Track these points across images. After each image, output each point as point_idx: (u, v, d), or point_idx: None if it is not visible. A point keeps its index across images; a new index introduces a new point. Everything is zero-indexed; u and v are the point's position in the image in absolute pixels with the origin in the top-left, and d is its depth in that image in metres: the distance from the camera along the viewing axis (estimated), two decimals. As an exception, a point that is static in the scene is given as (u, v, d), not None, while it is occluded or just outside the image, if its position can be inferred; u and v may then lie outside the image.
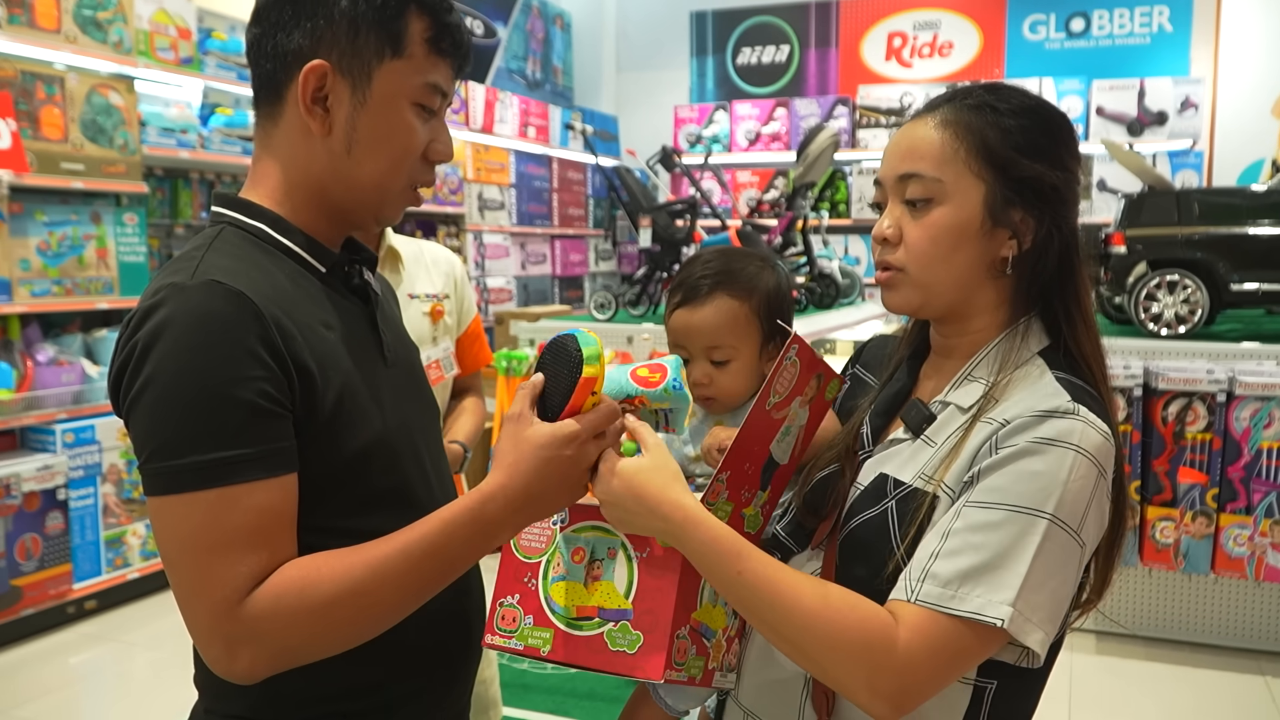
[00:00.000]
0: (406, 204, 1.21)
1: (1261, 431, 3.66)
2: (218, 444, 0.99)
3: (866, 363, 1.44)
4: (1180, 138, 7.29)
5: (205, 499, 0.99)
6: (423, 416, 1.30)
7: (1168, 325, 4.08)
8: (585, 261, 8.47)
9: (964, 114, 1.16)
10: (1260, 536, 3.67)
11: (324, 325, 1.13)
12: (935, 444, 1.16)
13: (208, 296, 1.01)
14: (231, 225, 1.16)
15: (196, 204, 5.13)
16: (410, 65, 1.13)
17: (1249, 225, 4.10)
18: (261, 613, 0.99)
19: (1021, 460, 1.04)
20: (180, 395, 0.99)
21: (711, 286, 1.40)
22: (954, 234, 1.15)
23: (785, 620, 1.03)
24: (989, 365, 1.18)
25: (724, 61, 8.96)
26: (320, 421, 1.07)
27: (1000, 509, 1.02)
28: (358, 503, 1.12)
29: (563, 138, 8.11)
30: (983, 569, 1.01)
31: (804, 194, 5.46)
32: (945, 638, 1.00)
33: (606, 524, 1.11)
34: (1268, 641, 3.93)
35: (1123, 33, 7.91)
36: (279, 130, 1.16)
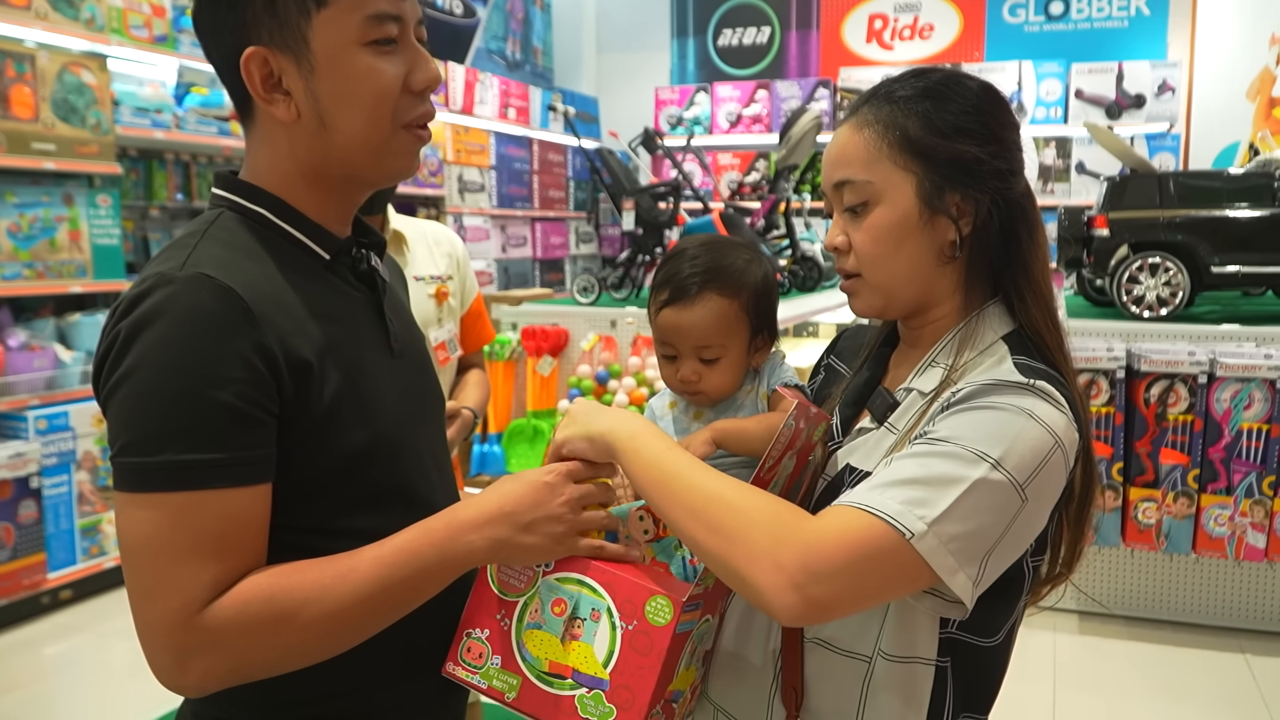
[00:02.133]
0: (411, 149, 1.12)
1: (1242, 413, 3.68)
2: (192, 446, 0.95)
3: (841, 352, 1.44)
4: (1158, 120, 7.33)
5: (173, 501, 0.95)
6: (428, 408, 1.26)
7: (1149, 307, 4.09)
8: (566, 244, 8.43)
9: (882, 109, 1.16)
10: (1240, 516, 3.70)
11: (324, 317, 1.08)
12: (898, 430, 1.15)
13: (196, 290, 0.97)
14: (231, 210, 1.11)
15: (172, 185, 5.05)
16: (340, 8, 1.04)
17: (1228, 208, 4.12)
18: (223, 622, 0.96)
19: (974, 412, 1.03)
20: (159, 391, 0.95)
21: (701, 285, 1.36)
22: (895, 231, 1.14)
23: (701, 489, 1.03)
24: (950, 350, 1.17)
25: (705, 43, 8.92)
26: (317, 418, 1.03)
27: (945, 444, 1.01)
28: (356, 501, 1.08)
29: (543, 119, 8.05)
30: (911, 483, 0.98)
31: (786, 177, 5.43)
32: (859, 531, 0.96)
33: (592, 581, 1.07)
34: (1248, 620, 3.97)
35: (1101, 16, 7.93)
36: (258, 129, 1.11)
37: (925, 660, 1.12)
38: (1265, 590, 3.94)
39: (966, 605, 0.99)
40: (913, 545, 0.95)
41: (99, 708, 3.43)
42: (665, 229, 4.93)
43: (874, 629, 1.13)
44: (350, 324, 1.12)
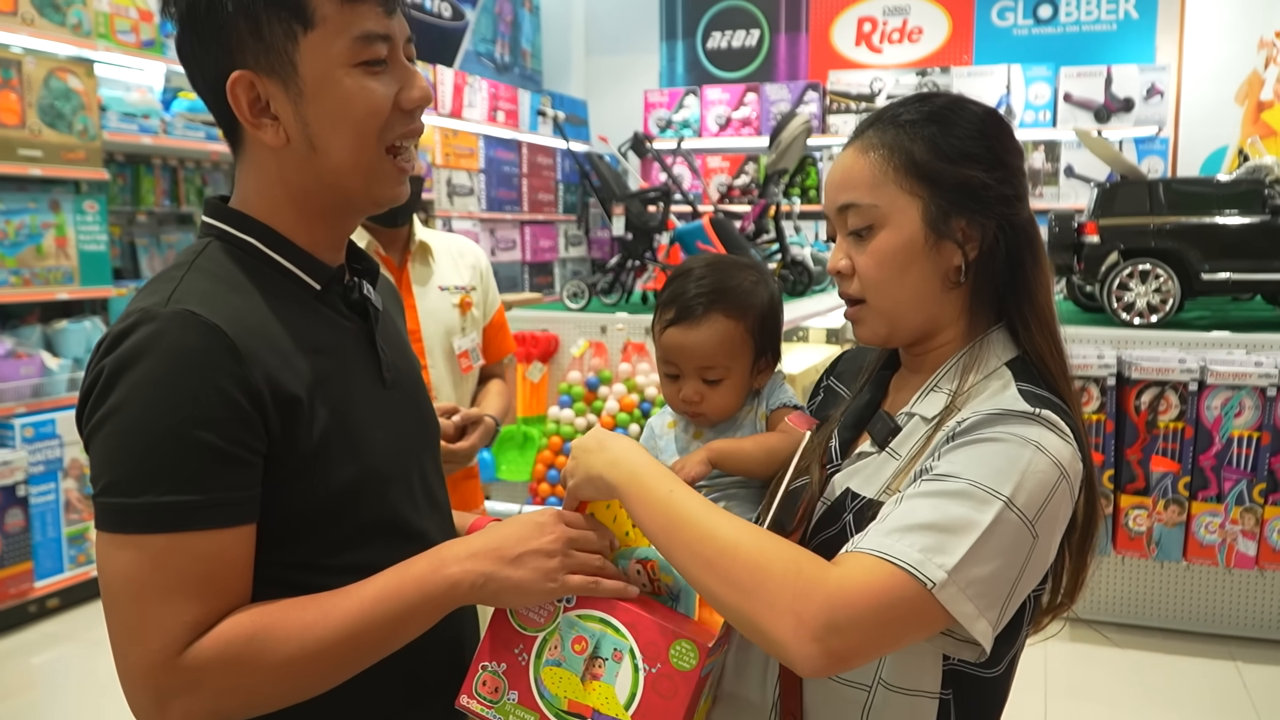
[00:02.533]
0: (397, 176, 1.10)
1: (1232, 420, 3.69)
2: (174, 487, 0.94)
3: (840, 374, 1.43)
4: (1146, 124, 7.35)
5: (155, 543, 0.94)
6: (421, 438, 1.24)
7: (1140, 314, 4.10)
8: (555, 247, 8.41)
9: (888, 133, 1.15)
10: (1231, 524, 3.71)
11: (313, 350, 1.06)
12: (899, 456, 1.13)
13: (180, 328, 0.96)
14: (220, 239, 1.09)
15: (159, 191, 5.02)
16: (328, 31, 1.02)
17: (1219, 215, 4.13)
18: (204, 662, 0.94)
19: (981, 445, 1.02)
20: (142, 431, 0.94)
21: (707, 306, 1.36)
22: (900, 255, 1.13)
23: (713, 538, 1.00)
24: (953, 376, 1.16)
25: (694, 46, 8.91)
26: (305, 455, 1.02)
27: (958, 481, 0.99)
28: (346, 536, 1.07)
29: (532, 122, 8.03)
30: (928, 528, 0.97)
31: (776, 181, 5.43)
32: (880, 581, 0.94)
33: (616, 620, 1.05)
34: (1238, 627, 3.98)
35: (1089, 20, 7.95)
36: (247, 155, 1.10)
37: (929, 694, 1.11)
38: (1256, 598, 3.95)
39: (985, 649, 0.99)
40: (934, 595, 0.94)
41: (87, 716, 3.40)
42: (655, 234, 4.92)
43: (875, 660, 1.12)
44: (340, 356, 1.11)
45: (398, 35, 1.07)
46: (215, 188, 5.36)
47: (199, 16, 1.02)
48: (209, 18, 1.02)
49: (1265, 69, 7.51)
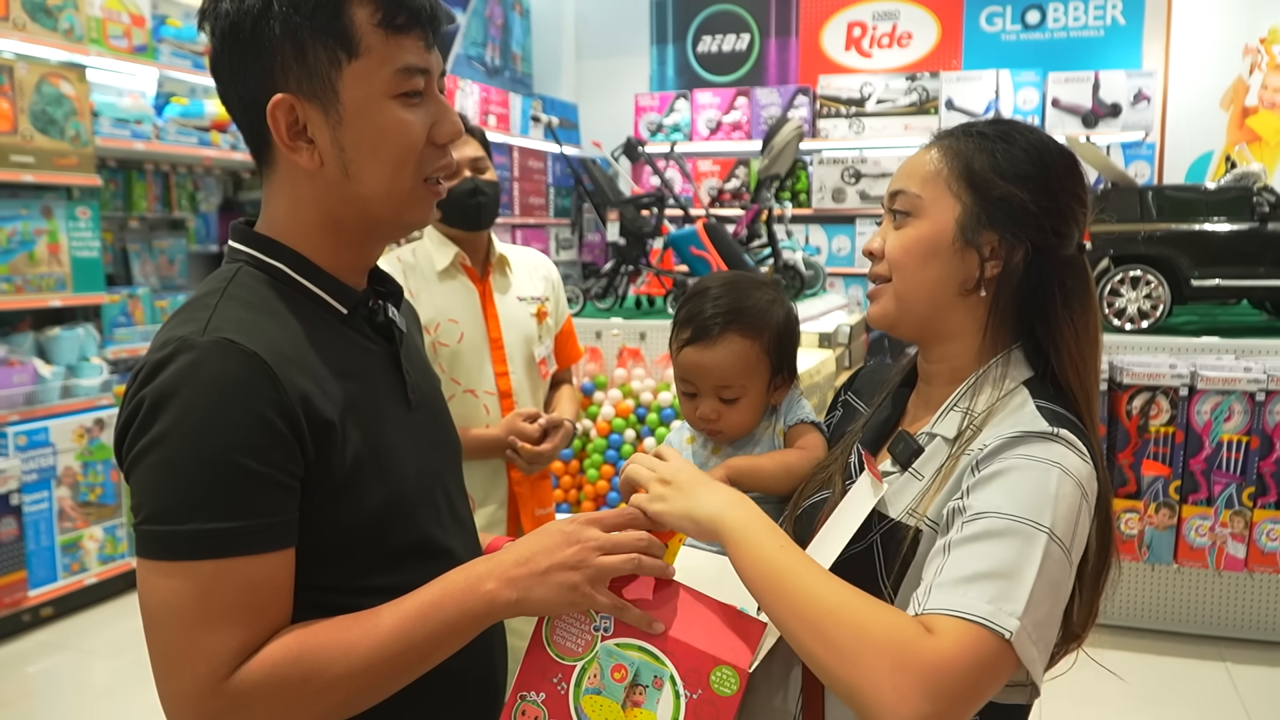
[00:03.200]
0: (429, 200, 1.13)
1: (1222, 424, 3.73)
2: (219, 514, 0.95)
3: (858, 390, 1.45)
4: (1133, 129, 7.39)
5: (202, 569, 0.95)
6: (444, 457, 1.26)
7: (1131, 320, 4.14)
8: (546, 251, 8.40)
9: (960, 141, 1.21)
10: (1221, 527, 3.75)
11: (344, 374, 1.08)
12: (922, 477, 1.15)
13: (220, 357, 0.97)
14: (249, 264, 1.11)
15: (151, 196, 5.01)
16: (371, 61, 1.04)
17: (1207, 222, 4.17)
18: (252, 685, 0.96)
19: (1009, 475, 1.04)
20: (185, 460, 0.95)
21: (723, 326, 1.39)
22: (925, 246, 1.18)
23: (816, 600, 0.99)
24: (976, 396, 1.18)
25: (684, 49, 8.92)
26: (339, 479, 1.04)
27: (1002, 518, 1.00)
28: (378, 558, 1.09)
29: (523, 126, 8.03)
30: (990, 577, 0.98)
31: (769, 186, 5.46)
32: (971, 643, 0.95)
33: (654, 648, 1.05)
34: (1228, 628, 4.02)
35: (1077, 25, 8.00)
36: (277, 175, 1.11)
37: None
38: (1245, 599, 3.99)
39: (1039, 690, 1.01)
40: (1011, 644, 0.95)
41: (82, 728, 3.40)
42: (649, 239, 4.93)
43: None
44: (368, 379, 1.12)
45: (434, 69, 1.10)
46: (207, 193, 5.35)
47: (243, 36, 1.03)
48: (253, 39, 1.03)
49: (1250, 75, 7.58)
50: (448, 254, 2.48)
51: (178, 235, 5.23)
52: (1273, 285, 4.08)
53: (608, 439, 4.35)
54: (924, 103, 7.70)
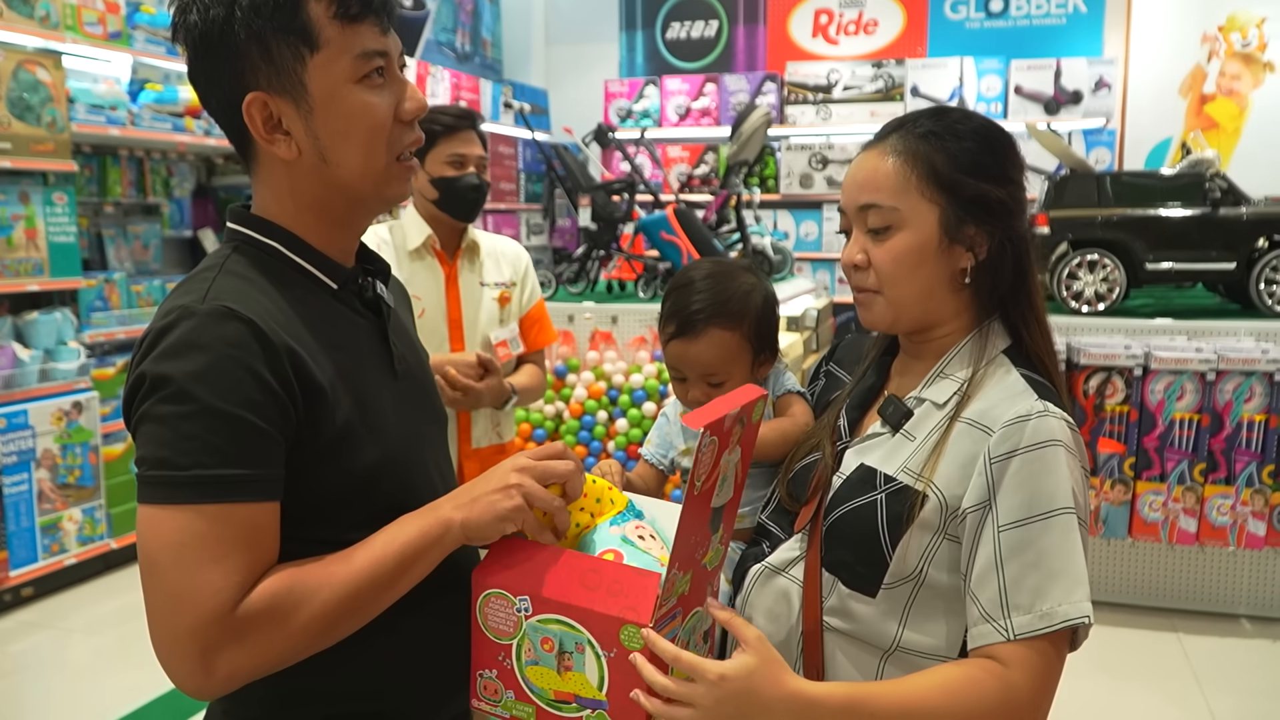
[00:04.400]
0: (404, 176, 1.21)
1: (1174, 403, 3.87)
2: (222, 461, 1.03)
3: (840, 360, 1.54)
4: (1094, 116, 7.54)
5: (205, 512, 1.03)
6: (430, 425, 1.34)
7: (1088, 303, 4.27)
8: (517, 236, 8.45)
9: (912, 142, 1.27)
10: (1174, 502, 3.89)
11: (333, 345, 1.16)
12: (914, 438, 1.27)
13: (219, 321, 1.05)
14: (246, 243, 1.19)
15: (126, 182, 5.02)
16: (331, 51, 1.12)
17: (1162, 207, 4.30)
18: (253, 614, 1.03)
19: (1022, 471, 1.16)
20: (190, 412, 1.03)
21: (705, 320, 1.48)
22: (915, 255, 1.26)
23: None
24: (960, 363, 1.29)
25: (653, 36, 8.98)
26: (329, 440, 1.12)
27: (1032, 523, 1.15)
28: (367, 517, 1.15)
29: (494, 112, 8.07)
30: (1050, 580, 1.13)
31: (737, 172, 5.54)
32: (1051, 654, 1.14)
33: (569, 619, 1.12)
34: (1180, 600, 4.17)
35: (1039, 13, 8.12)
36: (261, 168, 1.19)
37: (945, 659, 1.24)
38: (1196, 572, 4.15)
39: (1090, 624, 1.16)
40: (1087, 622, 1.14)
41: (62, 705, 3.45)
42: (620, 224, 5.01)
43: (893, 626, 1.24)
44: (357, 350, 1.21)
45: (392, 51, 1.17)
46: (181, 179, 5.36)
47: (212, 44, 1.11)
48: (222, 45, 1.11)
49: (1208, 63, 7.75)
50: (421, 235, 2.65)
51: (152, 220, 5.25)
52: (1224, 269, 4.22)
53: (580, 420, 4.43)
54: (890, 90, 7.82)
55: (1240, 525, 3.85)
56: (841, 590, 1.26)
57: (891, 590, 1.24)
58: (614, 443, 4.37)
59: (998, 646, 1.14)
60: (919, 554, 1.22)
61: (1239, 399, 3.81)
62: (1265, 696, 3.54)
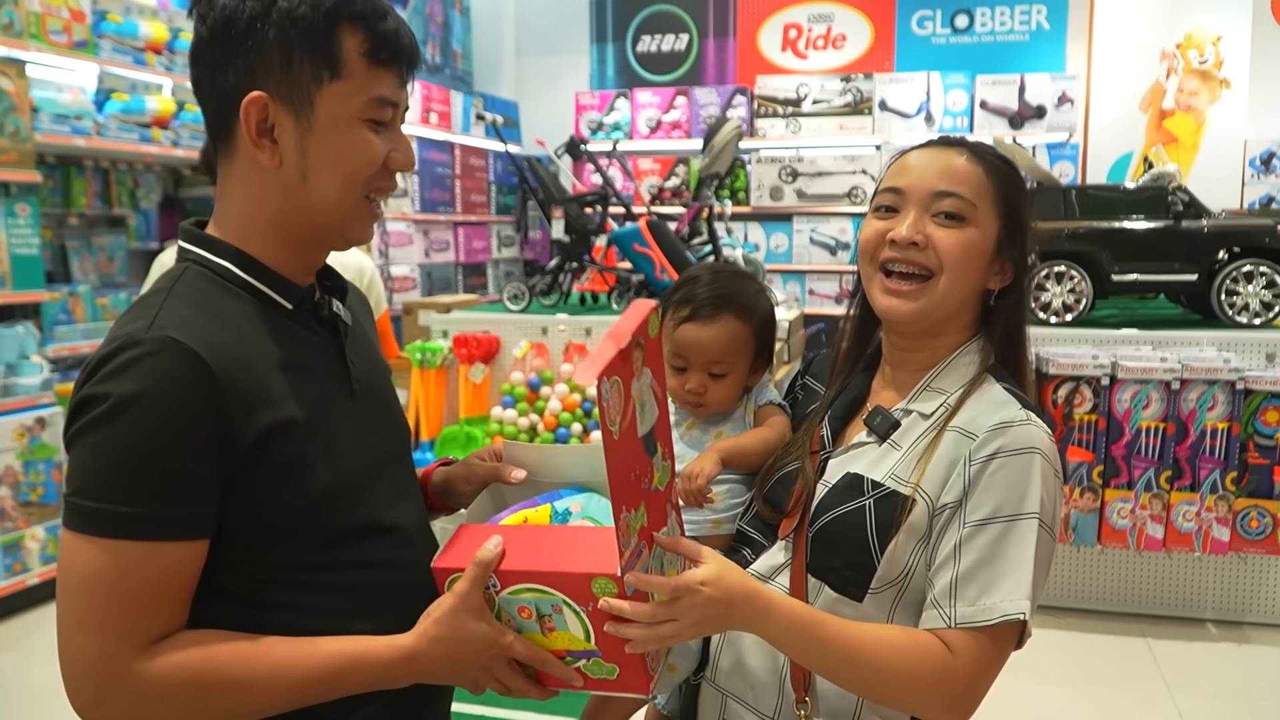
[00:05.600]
0: (369, 218, 1.20)
1: (1141, 412, 3.92)
2: (143, 499, 1.01)
3: (815, 374, 1.57)
4: (1057, 130, 7.66)
5: (119, 548, 1.01)
6: (391, 443, 1.31)
7: (1056, 313, 4.32)
8: (489, 248, 8.45)
9: (989, 159, 1.33)
10: (1141, 509, 3.94)
11: (288, 367, 1.14)
12: (901, 448, 1.29)
13: (161, 353, 1.03)
14: (197, 264, 1.17)
15: (91, 193, 4.97)
16: (351, 85, 1.12)
17: (1126, 220, 4.37)
18: (149, 678, 1.01)
19: (999, 473, 1.21)
20: (117, 444, 1.01)
21: (720, 306, 1.52)
22: (976, 253, 1.30)
23: (865, 673, 1.18)
24: (948, 378, 1.32)
25: (624, 49, 9.02)
26: (279, 469, 1.09)
27: (994, 523, 1.20)
28: (326, 539, 1.14)
29: (464, 124, 8.06)
30: (998, 578, 1.18)
31: (709, 184, 5.57)
32: (991, 648, 1.18)
33: (541, 585, 1.13)
34: (1148, 606, 4.23)
35: (1004, 30, 8.25)
36: (235, 167, 1.16)
37: None
38: (1164, 578, 4.21)
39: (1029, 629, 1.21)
40: (1025, 620, 1.18)
41: (32, 725, 3.39)
42: (593, 236, 5.02)
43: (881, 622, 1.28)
44: (312, 372, 1.18)
45: (402, 104, 1.19)
46: (147, 190, 5.31)
47: (236, 32, 1.10)
48: (245, 37, 1.10)
49: (1167, 79, 7.90)
50: None
51: (118, 232, 5.18)
52: (1186, 280, 4.29)
53: (555, 433, 4.43)
54: (858, 103, 7.89)
55: (1205, 531, 3.90)
56: (829, 594, 1.28)
57: (878, 594, 1.26)
58: (587, 454, 4.37)
59: (942, 631, 1.19)
60: (905, 557, 1.25)
61: (1202, 407, 3.87)
62: (1232, 698, 3.59)
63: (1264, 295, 4.18)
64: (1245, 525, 3.91)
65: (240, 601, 1.10)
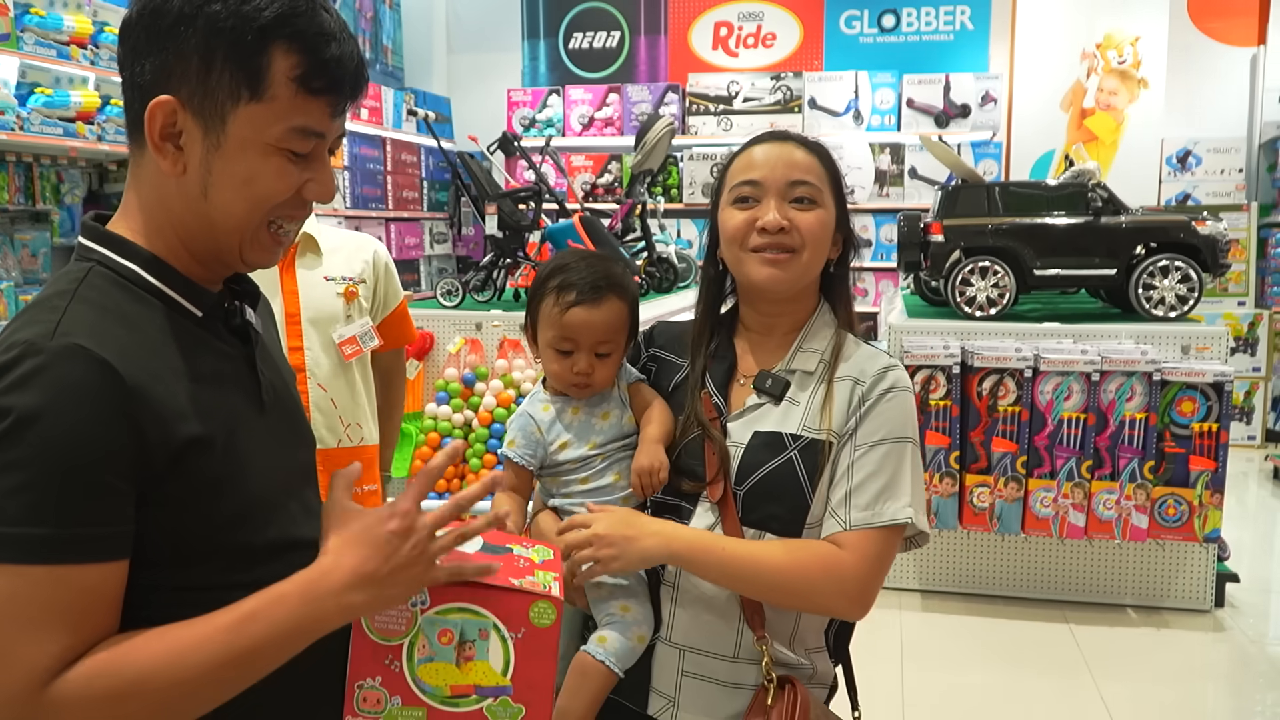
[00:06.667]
0: (273, 246, 1.12)
1: (1063, 403, 4.05)
2: (55, 521, 0.93)
3: (664, 345, 1.70)
4: (982, 129, 7.83)
5: (30, 574, 0.92)
6: (299, 455, 1.26)
7: (980, 307, 4.44)
8: (421, 245, 8.38)
9: (816, 149, 1.58)
10: (1063, 498, 4.07)
11: (198, 379, 1.06)
12: (799, 403, 1.52)
13: (68, 363, 0.95)
14: (100, 265, 1.07)
15: (14, 188, 4.83)
16: (272, 110, 1.03)
17: (1048, 216, 4.50)
18: (68, 696, 0.93)
19: (882, 405, 1.48)
20: (23, 464, 0.92)
21: (606, 288, 1.58)
22: (826, 229, 1.54)
23: (766, 579, 1.42)
24: (814, 339, 1.57)
25: (556, 45, 9.00)
26: (194, 486, 1.02)
27: (881, 445, 1.46)
28: (241, 557, 1.07)
29: (395, 119, 7.99)
30: (886, 489, 1.44)
31: (642, 181, 5.61)
32: (878, 545, 1.43)
33: (474, 606, 1.11)
34: (1070, 592, 4.37)
35: (929, 30, 8.40)
36: (143, 163, 1.08)
37: None
38: (1085, 565, 4.35)
39: (928, 534, 1.51)
40: (909, 524, 1.44)
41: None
42: (527, 232, 5.02)
43: None
44: (223, 384, 1.11)
45: (330, 135, 1.10)
46: (71, 185, 5.18)
47: (161, 25, 1.03)
48: (169, 32, 1.02)
49: (1087, 79, 8.12)
50: None
51: (41, 228, 5.05)
52: (1105, 274, 4.44)
53: (489, 428, 4.43)
54: (788, 101, 7.99)
55: (1125, 519, 4.04)
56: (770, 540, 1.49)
57: (810, 530, 1.48)
58: (523, 450, 4.37)
59: (837, 534, 1.43)
60: (825, 492, 1.48)
61: (1121, 398, 4.01)
62: (1151, 682, 3.72)
63: (1179, 289, 4.33)
64: (1163, 513, 4.06)
65: (151, 624, 1.00)
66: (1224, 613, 4.27)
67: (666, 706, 1.49)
